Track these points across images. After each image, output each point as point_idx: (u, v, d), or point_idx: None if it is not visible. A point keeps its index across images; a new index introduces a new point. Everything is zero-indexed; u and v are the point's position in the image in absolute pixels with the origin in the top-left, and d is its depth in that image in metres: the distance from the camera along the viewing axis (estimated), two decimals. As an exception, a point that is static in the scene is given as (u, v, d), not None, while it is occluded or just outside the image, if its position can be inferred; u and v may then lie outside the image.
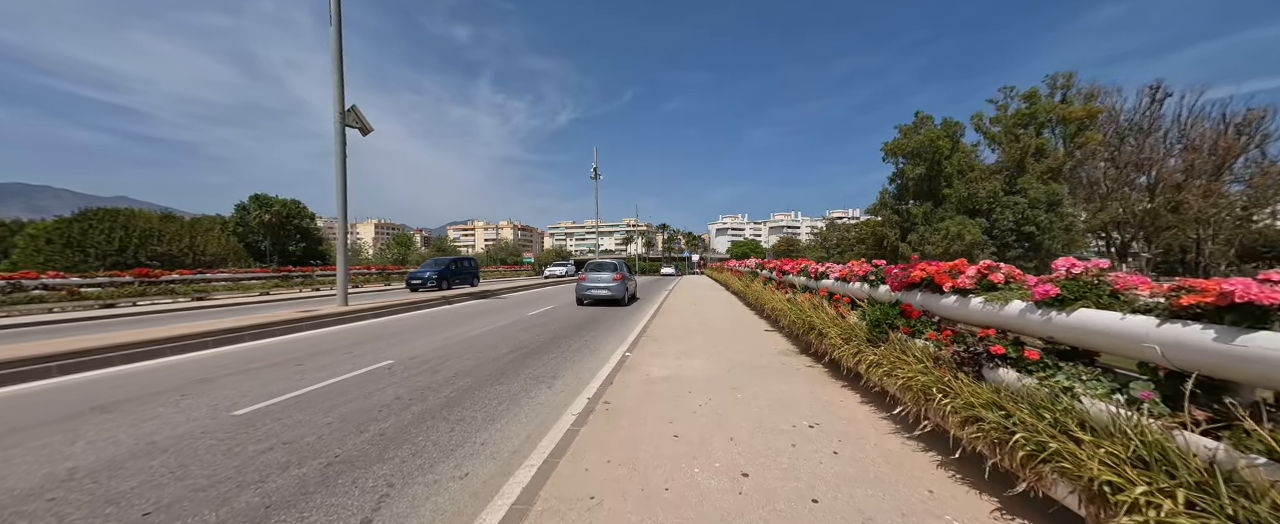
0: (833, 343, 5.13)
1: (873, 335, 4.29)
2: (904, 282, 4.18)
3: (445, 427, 4.08)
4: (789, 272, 9.21)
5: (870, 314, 4.43)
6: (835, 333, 5.09)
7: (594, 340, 8.80)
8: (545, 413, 4.50)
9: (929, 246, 40.65)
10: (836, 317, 5.48)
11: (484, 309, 14.21)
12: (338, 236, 11.92)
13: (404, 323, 11.09)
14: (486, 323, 11.09)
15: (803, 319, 6.35)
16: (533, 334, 9.33)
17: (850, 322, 5.08)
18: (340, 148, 11.76)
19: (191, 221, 52.49)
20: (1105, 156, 48.10)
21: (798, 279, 8.42)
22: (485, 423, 4.21)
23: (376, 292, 22.74)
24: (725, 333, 9.10)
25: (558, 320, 11.57)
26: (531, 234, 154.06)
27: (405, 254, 60.39)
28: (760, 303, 10.70)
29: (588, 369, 6.39)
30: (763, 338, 8.43)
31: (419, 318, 12.11)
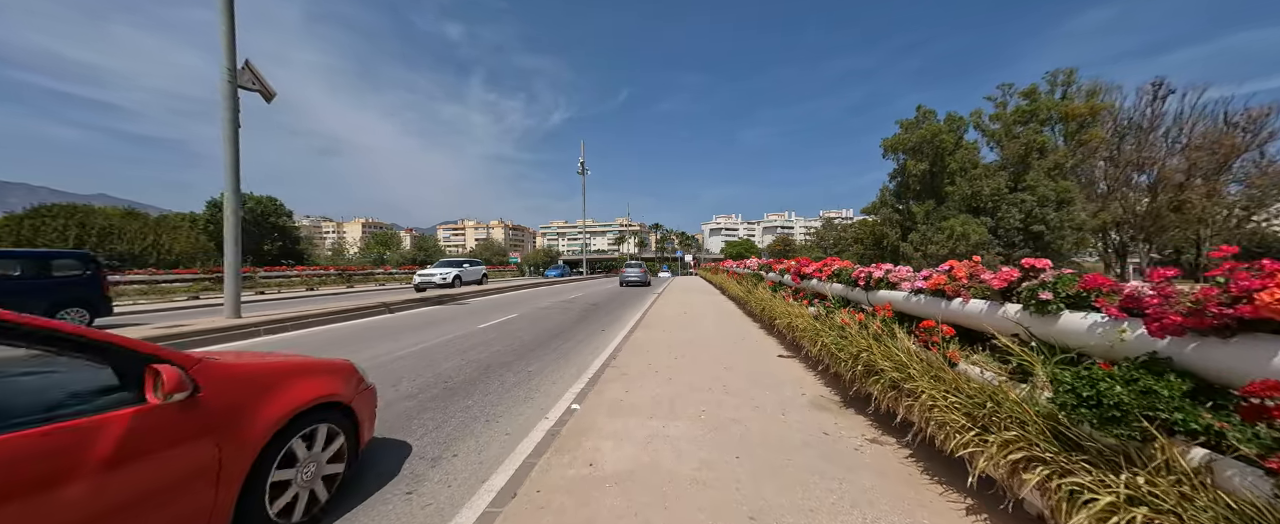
0: (945, 420, 2.58)
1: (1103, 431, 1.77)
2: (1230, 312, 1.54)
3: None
4: (812, 274, 6.65)
5: (1069, 386, 1.92)
6: (957, 413, 2.52)
7: (542, 371, 6.19)
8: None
9: (932, 246, 38.38)
10: (937, 362, 2.93)
11: (430, 320, 11.58)
12: (227, 227, 9.25)
13: (305, 341, 8.45)
14: (414, 341, 8.46)
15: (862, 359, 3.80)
16: (460, 362, 6.72)
17: (986, 381, 2.55)
18: (230, 115, 9.08)
19: (157, 219, 49.31)
20: (1105, 156, 46.24)
21: (830, 286, 5.85)
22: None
23: (328, 295, 19.97)
24: (722, 360, 6.53)
25: (508, 338, 8.95)
26: (523, 234, 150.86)
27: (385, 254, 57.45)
28: (768, 316, 8.15)
29: (497, 443, 3.78)
30: (776, 370, 5.87)
31: (331, 334, 9.45)
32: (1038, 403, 2.14)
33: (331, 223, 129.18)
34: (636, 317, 11.67)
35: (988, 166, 40.61)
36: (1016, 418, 2.17)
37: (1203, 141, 43.75)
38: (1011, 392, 2.29)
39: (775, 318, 7.57)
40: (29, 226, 40.85)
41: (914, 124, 41.45)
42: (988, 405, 2.32)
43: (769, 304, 8.09)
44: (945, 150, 39.40)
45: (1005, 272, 2.63)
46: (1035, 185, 37.19)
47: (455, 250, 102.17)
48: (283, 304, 14.40)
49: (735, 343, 7.72)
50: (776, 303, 7.72)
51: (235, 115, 9.16)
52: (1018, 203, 37.18)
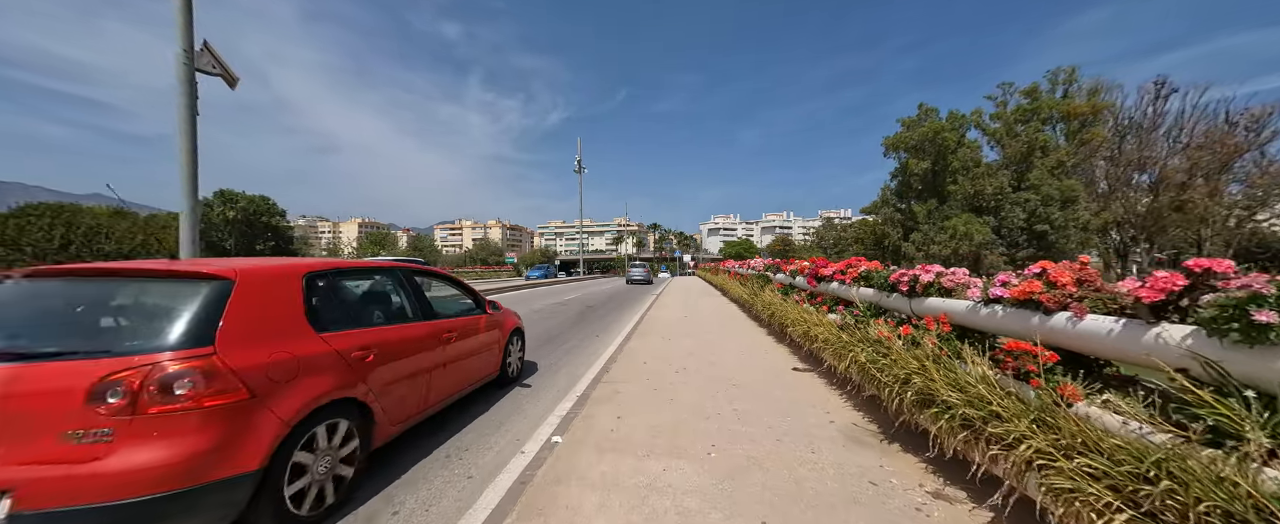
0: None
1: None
2: None
3: None
4: (832, 277, 5.80)
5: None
6: (1093, 483, 1.69)
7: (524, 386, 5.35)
8: None
9: (935, 246, 37.66)
10: (1044, 400, 2.11)
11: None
12: (183, 229, 8.38)
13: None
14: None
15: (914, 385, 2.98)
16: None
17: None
18: (187, 101, 8.22)
19: (147, 218, 48.30)
20: (1105, 155, 45.66)
21: (856, 291, 4.99)
22: None
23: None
24: (730, 374, 5.71)
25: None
26: (521, 233, 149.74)
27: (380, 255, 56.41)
28: (778, 322, 7.33)
29: (454, 491, 2.88)
30: (794, 388, 5.05)
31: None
32: (1259, 485, 1.33)
33: (328, 223, 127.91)
34: (634, 320, 10.84)
35: (990, 165, 39.93)
36: (1220, 506, 1.36)
37: (1205, 141, 43.20)
38: (1198, 459, 1.47)
39: (787, 325, 6.75)
40: (14, 226, 39.83)
41: (915, 122, 40.74)
42: (1158, 480, 1.51)
43: (779, 309, 7.27)
44: (947, 148, 38.69)
45: (1161, 278, 1.81)
46: (1039, 184, 36.52)
47: (453, 250, 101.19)
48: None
49: (743, 353, 6.89)
50: (788, 308, 6.90)
51: (193, 102, 8.29)
52: (1021, 202, 36.50)
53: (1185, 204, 43.18)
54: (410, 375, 3.21)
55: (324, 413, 2.40)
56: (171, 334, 1.93)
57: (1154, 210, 44.10)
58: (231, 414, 1.92)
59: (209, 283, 2.20)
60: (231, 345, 2.04)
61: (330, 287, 2.94)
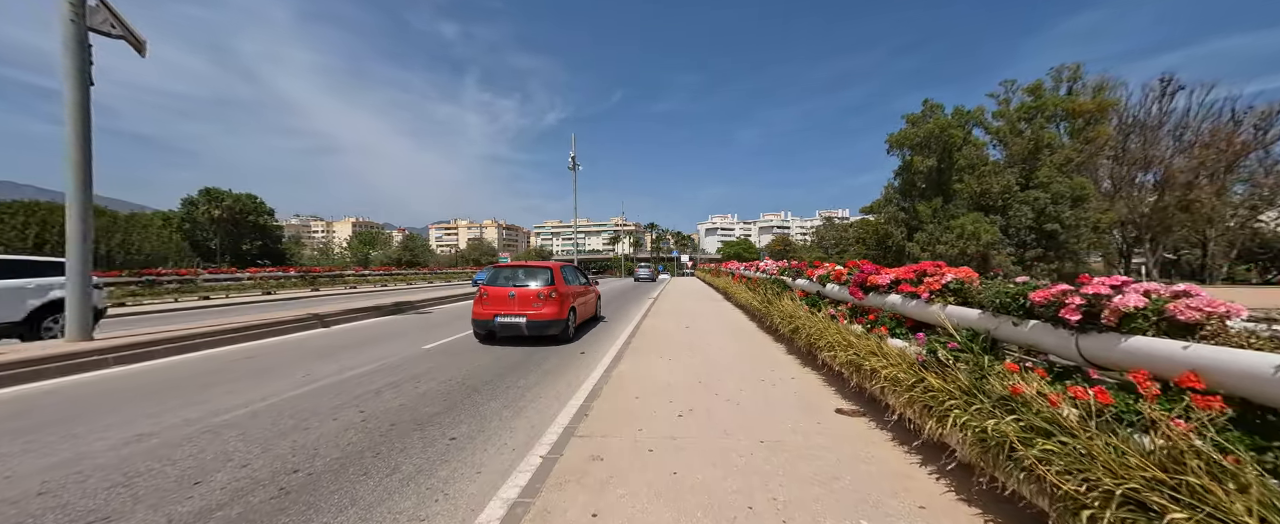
0: None
1: None
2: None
3: None
4: (904, 290, 4.18)
5: None
6: None
7: (473, 437, 3.80)
8: None
9: (941, 246, 36.23)
10: None
11: (369, 337, 9.18)
12: (70, 220, 6.77)
13: (153, 376, 6.00)
14: (309, 376, 6.06)
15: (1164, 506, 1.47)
16: (352, 418, 4.33)
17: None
18: (76, 67, 6.64)
19: (127, 217, 46.40)
20: (1110, 154, 44.42)
21: (939, 310, 3.40)
22: None
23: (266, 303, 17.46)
24: (755, 424, 4.18)
25: (451, 368, 6.56)
26: (517, 233, 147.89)
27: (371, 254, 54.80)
28: (806, 342, 5.79)
29: None
30: (855, 457, 3.54)
31: (201, 363, 7.03)
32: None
33: (321, 222, 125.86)
34: (626, 334, 9.30)
35: (996, 163, 38.58)
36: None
37: (1211, 140, 41.96)
38: None
39: (819, 347, 5.23)
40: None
41: (920, 118, 39.28)
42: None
43: (808, 326, 5.74)
44: (953, 146, 37.25)
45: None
46: (1048, 182, 35.11)
47: (447, 250, 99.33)
48: (189, 317, 11.95)
49: (764, 383, 5.35)
50: (820, 325, 5.38)
51: (85, 68, 6.71)
52: (1030, 201, 35.08)
53: (1192, 204, 41.95)
54: (582, 303, 9.92)
55: (571, 309, 8.96)
56: (549, 280, 8.59)
57: (1159, 210, 42.88)
58: (560, 302, 8.37)
59: (551, 268, 8.97)
60: (562, 279, 9.00)
61: (569, 268, 10.09)
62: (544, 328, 8.11)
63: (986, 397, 2.51)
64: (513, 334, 8.20)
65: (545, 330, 8.14)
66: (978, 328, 2.97)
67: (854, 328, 4.67)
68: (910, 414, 3.24)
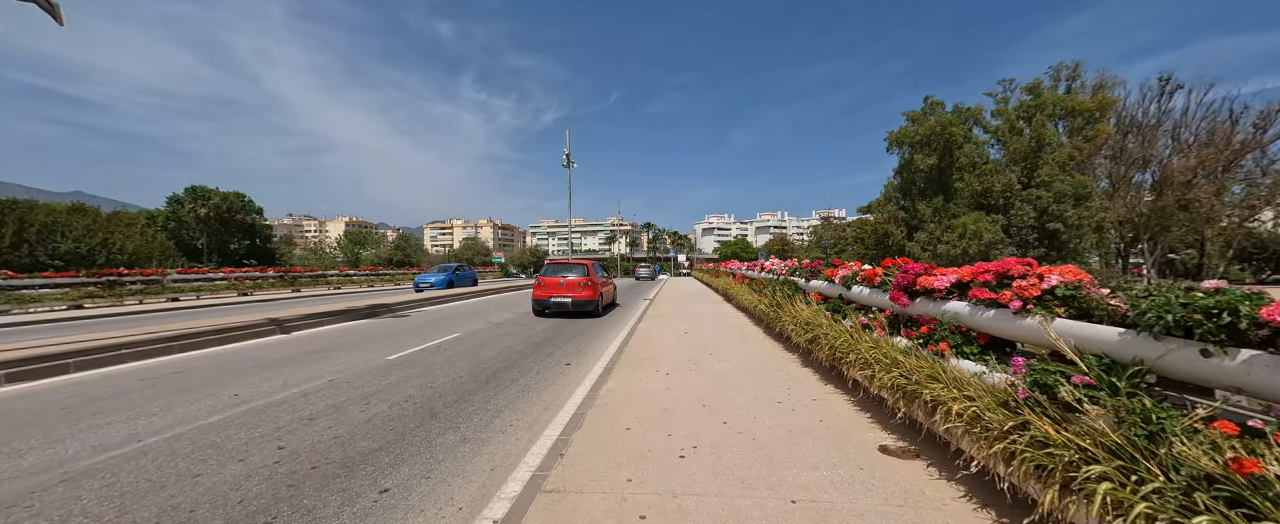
0: None
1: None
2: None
3: None
4: (979, 295, 3.19)
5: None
6: None
7: (409, 487, 2.86)
8: None
9: (942, 246, 35.49)
10: None
11: (330, 344, 8.20)
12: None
13: (66, 392, 5.01)
14: (240, 395, 5.08)
15: None
16: (263, 460, 3.36)
17: None
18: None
19: (109, 216, 45.03)
20: (1108, 153, 43.90)
21: (1056, 325, 2.48)
22: None
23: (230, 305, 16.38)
24: (781, 472, 3.25)
25: (409, 384, 5.60)
26: (513, 233, 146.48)
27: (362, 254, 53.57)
28: (830, 355, 4.87)
29: None
30: (910, 508, 2.63)
31: (122, 379, 6.04)
32: None
33: (314, 222, 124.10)
34: (618, 340, 8.34)
35: (998, 162, 37.88)
36: None
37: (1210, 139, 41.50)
38: None
39: (846, 363, 4.31)
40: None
41: (921, 116, 38.54)
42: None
43: (829, 335, 4.81)
44: (954, 143, 36.52)
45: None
46: (1050, 181, 34.43)
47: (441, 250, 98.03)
48: (145, 321, 10.92)
49: (783, 410, 4.40)
50: (846, 336, 4.45)
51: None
52: (1032, 200, 34.39)
53: (1191, 203, 41.44)
54: (606, 291, 13.66)
55: (600, 293, 12.36)
56: (584, 273, 11.83)
57: (1158, 210, 42.36)
58: (593, 288, 11.69)
59: (586, 264, 12.38)
60: (594, 272, 12.35)
61: (597, 265, 13.32)
62: (583, 306, 11.55)
63: (1167, 469, 1.57)
64: (562, 311, 11.74)
65: (583, 307, 11.59)
66: (1119, 356, 2.04)
67: (896, 342, 3.74)
68: (1004, 472, 2.31)
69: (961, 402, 2.63)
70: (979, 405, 2.53)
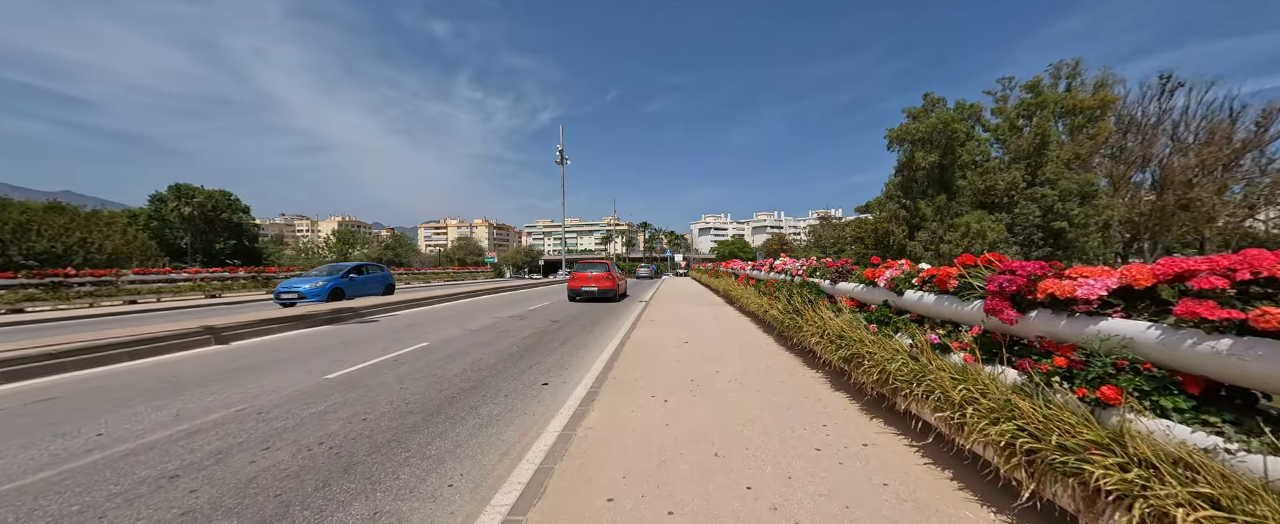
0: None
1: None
2: None
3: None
4: (1172, 307, 2.05)
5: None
6: None
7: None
8: None
9: (944, 245, 34.48)
10: None
11: (272, 357, 6.95)
12: None
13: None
14: (125, 431, 3.86)
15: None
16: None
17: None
18: None
19: (88, 214, 43.40)
20: (1108, 152, 43.12)
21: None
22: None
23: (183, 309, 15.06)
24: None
25: (346, 410, 4.37)
26: (508, 233, 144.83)
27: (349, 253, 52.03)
28: (882, 383, 3.68)
29: None
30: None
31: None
32: None
33: (307, 221, 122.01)
34: (608, 350, 7.12)
35: (1001, 160, 36.94)
36: None
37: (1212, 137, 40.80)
38: None
39: (910, 396, 3.14)
40: (-73, 223, 35.14)
41: (922, 112, 37.53)
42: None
43: (877, 356, 3.62)
44: (957, 140, 35.51)
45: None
46: (1056, 179, 33.47)
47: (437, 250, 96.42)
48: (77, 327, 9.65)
49: (828, 462, 3.20)
50: (905, 359, 3.28)
51: None
52: (1037, 198, 33.41)
53: (1192, 202, 40.69)
54: (621, 283, 18.05)
55: (617, 283, 17.31)
56: (606, 268, 16.43)
57: (1158, 209, 41.58)
58: (614, 280, 16.12)
59: (607, 263, 17.35)
60: (613, 269, 16.67)
61: (616, 262, 23.35)
62: (605, 293, 15.70)
63: None
64: (589, 297, 15.74)
65: (605, 294, 15.74)
66: None
67: (1000, 374, 2.55)
68: None
69: (1205, 512, 1.44)
70: (1245, 517, 1.33)
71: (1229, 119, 41.62)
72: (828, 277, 5.94)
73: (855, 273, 5.13)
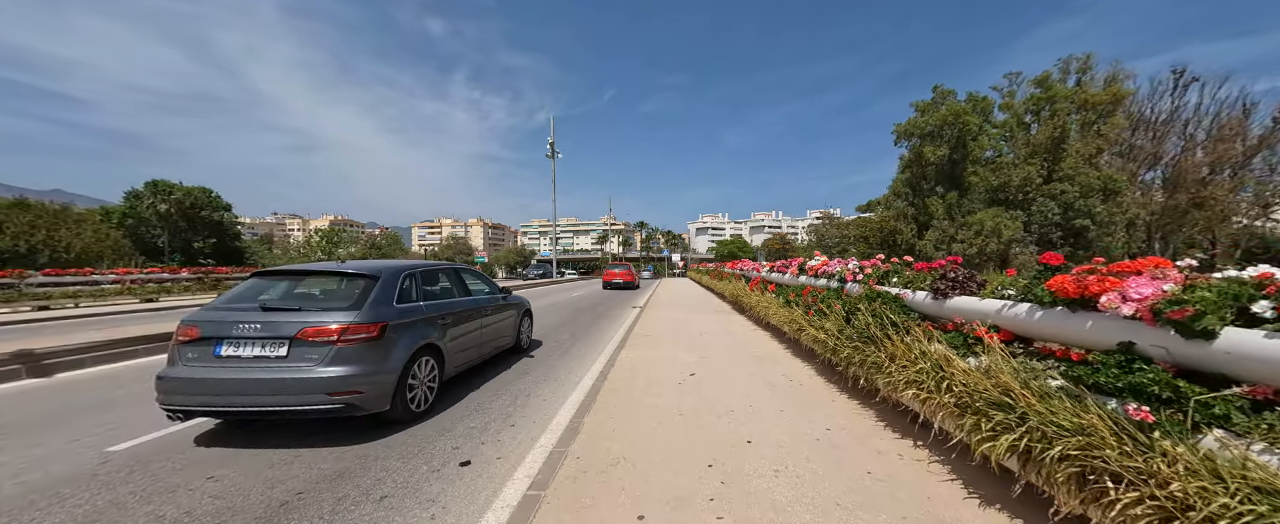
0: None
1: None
2: None
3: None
4: None
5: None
6: None
7: None
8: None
9: (957, 245, 32.37)
10: None
11: (62, 412, 4.74)
12: None
13: None
14: None
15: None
16: None
17: None
18: None
19: (56, 211, 40.93)
20: (1116, 150, 41.21)
21: None
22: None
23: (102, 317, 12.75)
24: None
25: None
26: (504, 232, 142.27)
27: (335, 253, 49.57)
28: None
29: None
30: None
31: None
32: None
33: (298, 220, 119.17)
34: (580, 390, 4.87)
35: (1015, 156, 34.88)
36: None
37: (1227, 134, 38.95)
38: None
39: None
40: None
41: (932, 105, 35.40)
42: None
43: (1139, 466, 1.39)
44: (969, 134, 33.38)
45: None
46: (1075, 174, 31.39)
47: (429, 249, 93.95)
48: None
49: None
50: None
51: None
52: (1056, 195, 31.31)
53: (1206, 201, 38.80)
54: (635, 278, 26.90)
55: (637, 277, 28.82)
56: (629, 267, 27.46)
57: (1170, 208, 39.67)
58: (633, 276, 27.50)
59: (628, 264, 30.78)
60: (631, 268, 27.59)
61: (632, 265, 33.23)
62: (626, 285, 24.14)
63: None
64: (616, 287, 24.03)
65: (629, 286, 24.22)
66: None
67: None
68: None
69: None
70: None
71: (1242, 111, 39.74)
72: (920, 285, 3.72)
73: (1009, 282, 2.89)
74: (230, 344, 3.42)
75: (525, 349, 6.94)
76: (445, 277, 5.30)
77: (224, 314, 3.59)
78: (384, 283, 4.01)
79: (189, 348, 3.46)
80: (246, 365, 3.36)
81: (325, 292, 4.24)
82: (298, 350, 3.38)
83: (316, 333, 3.40)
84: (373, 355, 3.55)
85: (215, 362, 3.39)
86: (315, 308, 3.77)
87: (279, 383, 3.28)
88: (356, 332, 3.50)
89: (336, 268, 4.31)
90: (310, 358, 3.37)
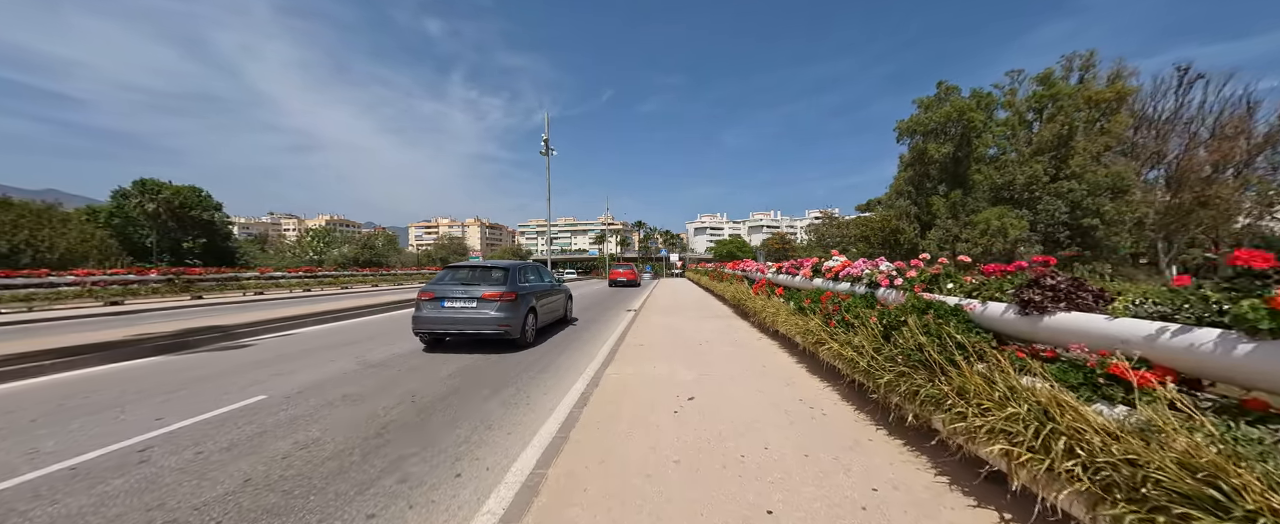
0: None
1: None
2: None
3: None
4: None
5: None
6: None
7: None
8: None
9: (962, 244, 31.53)
10: None
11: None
12: None
13: None
14: None
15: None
16: None
17: None
18: None
19: (39, 210, 39.87)
20: (1119, 149, 40.46)
21: None
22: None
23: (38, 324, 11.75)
24: None
25: None
26: (501, 232, 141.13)
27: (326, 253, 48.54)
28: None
29: None
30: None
31: None
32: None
33: (294, 220, 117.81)
34: (554, 420, 3.95)
35: (1020, 153, 34.05)
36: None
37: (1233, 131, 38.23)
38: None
39: None
40: None
41: (935, 102, 34.55)
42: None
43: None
44: (973, 131, 32.52)
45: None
46: (1082, 172, 30.56)
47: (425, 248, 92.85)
48: None
49: None
50: None
51: None
52: (1063, 193, 30.46)
53: (1211, 200, 38.05)
54: (640, 275, 33.76)
55: (638, 276, 34.29)
56: (631, 268, 31.57)
57: (1174, 207, 38.92)
58: (634, 275, 31.74)
59: (632, 265, 38.06)
60: (633, 268, 33.75)
61: (635, 264, 41.49)
62: (629, 283, 27.93)
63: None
64: (618, 285, 27.53)
65: (631, 284, 27.93)
66: None
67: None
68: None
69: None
70: None
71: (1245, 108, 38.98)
72: (992, 294, 2.80)
73: (1161, 295, 1.99)
74: (449, 301, 6.64)
75: (570, 321, 10.18)
76: (533, 272, 8.44)
77: (441, 287, 6.87)
78: (514, 271, 7.35)
79: (427, 303, 6.69)
80: (457, 311, 6.59)
81: (486, 275, 7.23)
82: (482, 304, 6.59)
83: (490, 296, 6.62)
84: (514, 308, 6.74)
85: (444, 309, 6.64)
86: (486, 283, 6.94)
87: (473, 320, 6.52)
88: (507, 296, 6.72)
89: (490, 263, 7.48)
90: (488, 308, 6.55)
